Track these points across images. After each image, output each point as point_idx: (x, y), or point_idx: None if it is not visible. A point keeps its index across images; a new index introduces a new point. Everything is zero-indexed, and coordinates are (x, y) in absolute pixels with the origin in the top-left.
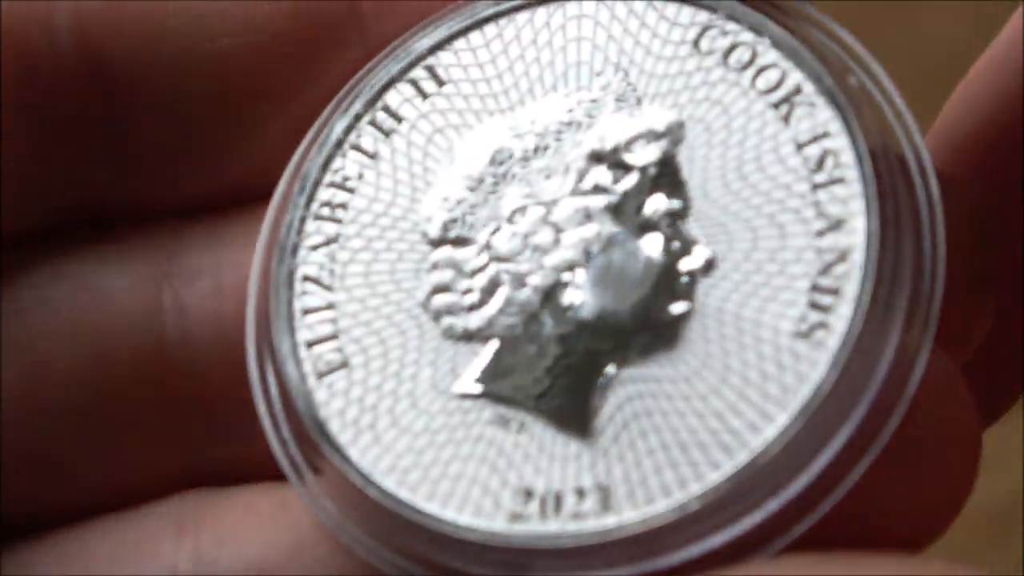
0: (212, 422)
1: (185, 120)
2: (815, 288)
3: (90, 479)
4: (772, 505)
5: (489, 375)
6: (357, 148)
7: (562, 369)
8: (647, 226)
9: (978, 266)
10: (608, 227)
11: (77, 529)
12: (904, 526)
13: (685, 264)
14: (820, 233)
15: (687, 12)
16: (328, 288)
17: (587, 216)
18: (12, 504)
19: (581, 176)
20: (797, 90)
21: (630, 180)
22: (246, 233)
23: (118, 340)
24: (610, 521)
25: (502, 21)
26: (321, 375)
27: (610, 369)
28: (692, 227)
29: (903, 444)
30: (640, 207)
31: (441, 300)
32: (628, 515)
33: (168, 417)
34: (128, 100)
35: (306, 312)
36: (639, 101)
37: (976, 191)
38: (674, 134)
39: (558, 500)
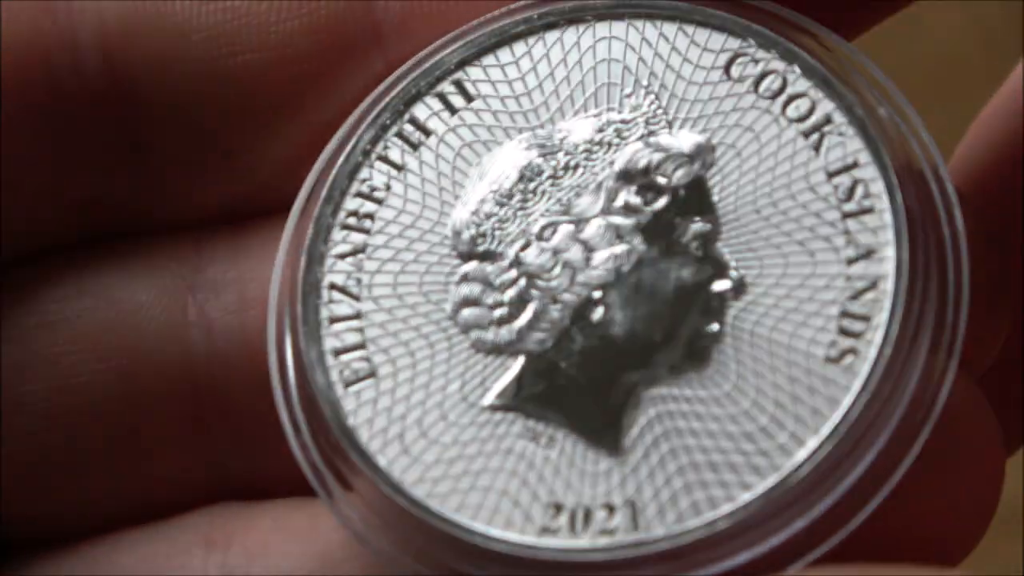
0: (238, 435)
1: (205, 132)
2: (845, 314)
3: (116, 492)
4: (800, 524)
5: (518, 389)
6: (384, 159)
7: (591, 385)
8: (677, 247)
9: (993, 283)
10: (639, 246)
11: (105, 541)
12: (935, 540)
13: (716, 286)
14: (850, 261)
15: (718, 38)
16: (355, 298)
17: (618, 235)
18: (39, 516)
19: (612, 196)
20: (827, 120)
21: (661, 201)
22: (268, 245)
23: (143, 353)
24: (639, 538)
25: (531, 39)
26: (348, 384)
27: (639, 387)
28: (722, 250)
29: (928, 459)
30: (671, 228)
31: (470, 313)
32: (657, 532)
33: (194, 430)
34: (150, 114)
35: (333, 321)
36: (670, 124)
37: (991, 213)
38: (705, 158)
39: (587, 515)
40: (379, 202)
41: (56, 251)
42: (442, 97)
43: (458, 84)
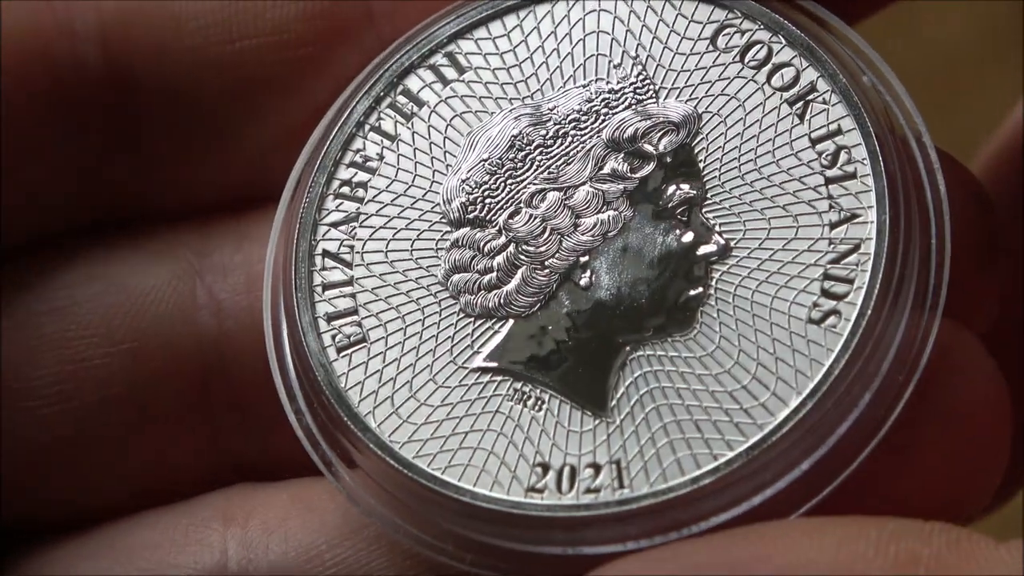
0: (248, 416)
1: (202, 117)
2: (828, 277)
3: (127, 473)
4: (783, 483)
5: (507, 352)
6: (377, 130)
7: (579, 348)
8: (663, 213)
9: (982, 243)
10: (625, 212)
11: (122, 521)
12: (941, 496)
13: (700, 250)
14: (833, 225)
15: (704, 9)
16: (348, 264)
17: (605, 202)
18: (51, 500)
19: (600, 163)
20: (812, 88)
21: (647, 168)
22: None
23: (154, 336)
24: (624, 495)
25: (522, 12)
26: (341, 348)
27: (626, 349)
28: (708, 215)
29: (932, 418)
30: (657, 194)
31: (460, 278)
32: (641, 490)
33: (205, 411)
34: (149, 102)
35: (326, 287)
36: (657, 94)
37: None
38: (691, 126)
39: (573, 474)
40: (372, 171)
41: (62, 238)
42: (435, 69)
43: (450, 56)
